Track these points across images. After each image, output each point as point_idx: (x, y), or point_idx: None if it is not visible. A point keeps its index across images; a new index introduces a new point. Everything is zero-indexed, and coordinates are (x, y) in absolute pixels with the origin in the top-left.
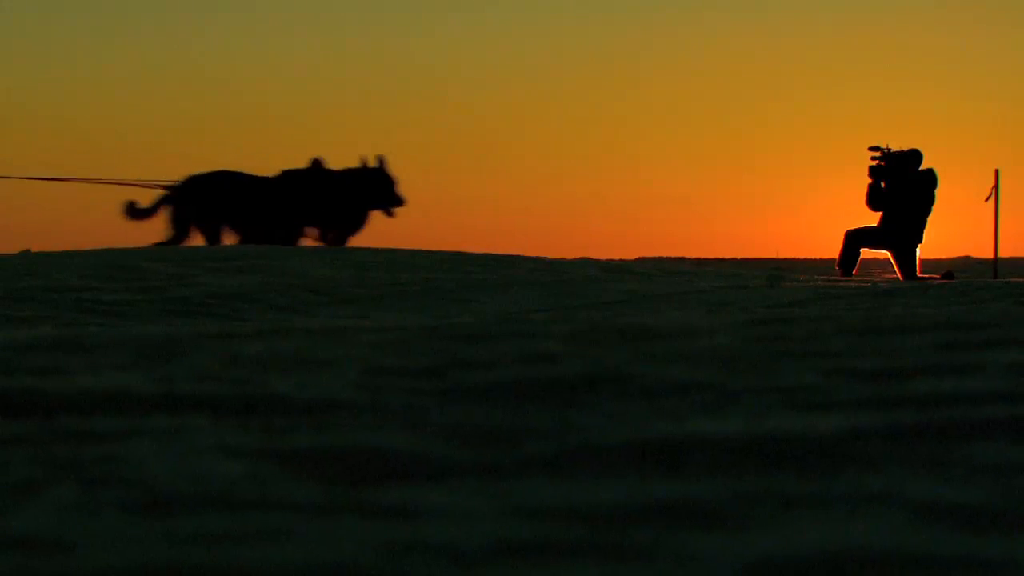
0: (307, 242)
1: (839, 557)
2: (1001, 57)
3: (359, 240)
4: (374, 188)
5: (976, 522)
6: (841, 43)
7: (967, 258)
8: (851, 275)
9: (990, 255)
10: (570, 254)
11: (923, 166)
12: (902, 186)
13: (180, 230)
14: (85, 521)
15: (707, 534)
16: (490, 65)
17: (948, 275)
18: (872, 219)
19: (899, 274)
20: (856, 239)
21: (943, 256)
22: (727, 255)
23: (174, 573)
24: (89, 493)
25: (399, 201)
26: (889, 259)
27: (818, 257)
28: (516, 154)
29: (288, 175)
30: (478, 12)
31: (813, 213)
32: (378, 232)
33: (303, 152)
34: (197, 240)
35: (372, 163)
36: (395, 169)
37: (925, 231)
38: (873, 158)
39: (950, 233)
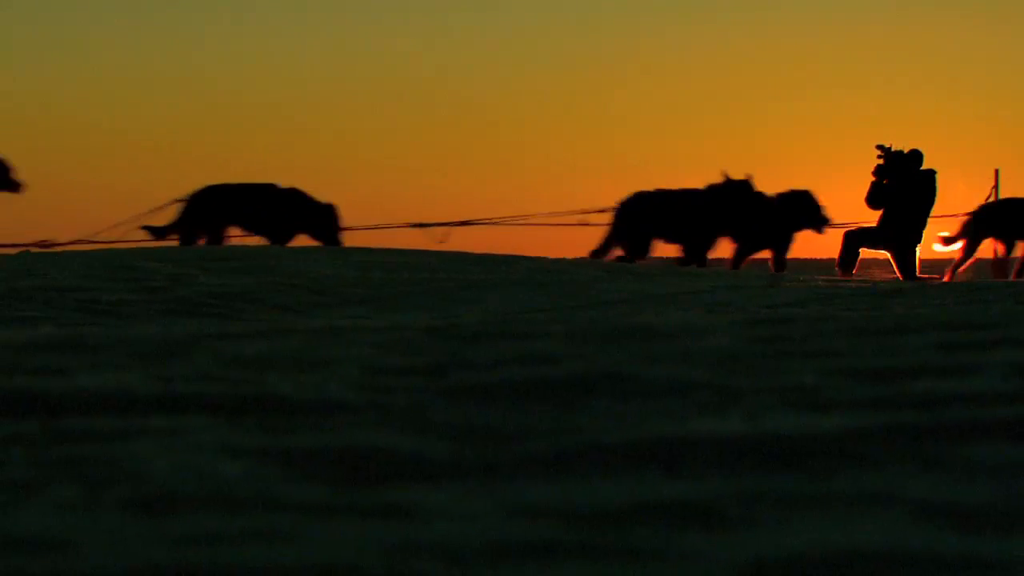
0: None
1: (839, 557)
2: (1001, 57)
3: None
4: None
5: (976, 522)
6: (842, 43)
7: None
8: (851, 275)
9: (990, 255)
10: (570, 254)
11: (923, 166)
12: (902, 186)
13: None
14: (85, 521)
15: (707, 534)
16: (492, 64)
17: None
18: (871, 219)
19: (899, 274)
20: (855, 239)
21: (943, 256)
22: (727, 255)
23: (174, 573)
24: (89, 493)
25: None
26: (889, 259)
27: (818, 257)
28: (516, 154)
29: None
30: (462, 11)
31: None
32: (379, 233)
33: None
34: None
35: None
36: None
37: (925, 231)
38: (879, 157)
39: (950, 233)
